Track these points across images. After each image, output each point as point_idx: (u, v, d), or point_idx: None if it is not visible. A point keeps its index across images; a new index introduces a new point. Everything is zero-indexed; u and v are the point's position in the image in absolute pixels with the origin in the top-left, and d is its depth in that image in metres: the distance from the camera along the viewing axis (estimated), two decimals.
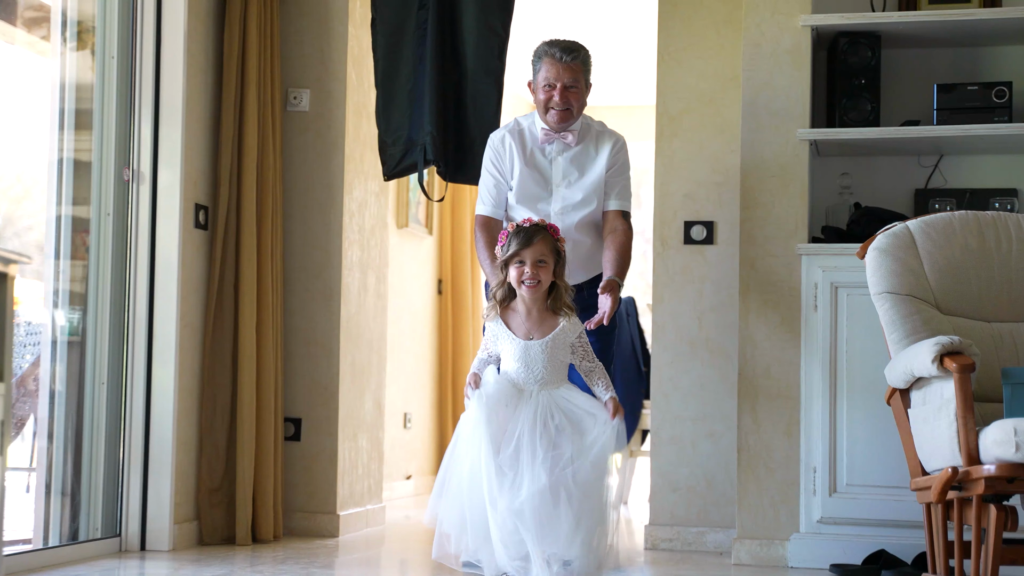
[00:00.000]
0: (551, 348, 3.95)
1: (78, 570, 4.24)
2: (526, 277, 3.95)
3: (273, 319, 5.21)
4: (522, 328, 3.99)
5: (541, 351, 3.93)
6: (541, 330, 3.98)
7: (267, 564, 4.48)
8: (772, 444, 4.73)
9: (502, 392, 3.93)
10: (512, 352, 3.96)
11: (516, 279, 3.97)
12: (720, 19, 5.31)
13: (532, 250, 3.96)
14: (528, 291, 3.96)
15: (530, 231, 3.99)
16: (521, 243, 3.97)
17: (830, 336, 4.64)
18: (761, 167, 4.84)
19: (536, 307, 4.00)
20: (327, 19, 5.51)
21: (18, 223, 5.10)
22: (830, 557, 4.59)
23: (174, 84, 4.88)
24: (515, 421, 3.85)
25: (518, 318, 4.02)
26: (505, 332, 3.99)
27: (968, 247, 3.85)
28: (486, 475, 3.76)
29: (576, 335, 3.99)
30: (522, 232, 3.99)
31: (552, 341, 3.95)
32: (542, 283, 3.97)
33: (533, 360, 3.93)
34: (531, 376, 3.92)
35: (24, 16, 4.86)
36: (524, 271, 3.95)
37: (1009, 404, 3.38)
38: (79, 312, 4.70)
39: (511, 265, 4.00)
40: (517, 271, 3.97)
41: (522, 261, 3.97)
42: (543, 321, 3.99)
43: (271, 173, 5.25)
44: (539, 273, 3.95)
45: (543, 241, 3.98)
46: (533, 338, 3.97)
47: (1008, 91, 4.76)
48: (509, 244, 3.99)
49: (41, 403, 4.61)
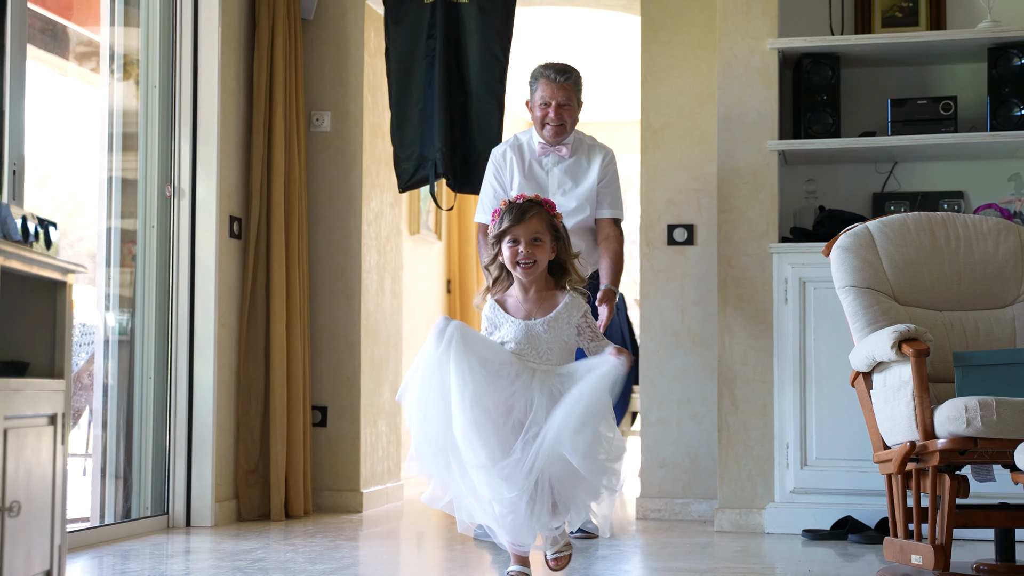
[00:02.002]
0: (554, 327, 3.33)
1: (131, 545, 4.26)
2: (521, 258, 3.32)
3: (301, 318, 5.22)
4: (521, 310, 3.37)
5: (544, 330, 3.31)
6: (542, 309, 3.36)
7: (299, 537, 4.49)
8: (749, 423, 4.75)
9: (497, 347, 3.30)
10: (512, 335, 3.33)
11: (510, 260, 3.34)
12: (697, 43, 5.32)
13: (526, 227, 3.32)
14: (523, 272, 3.33)
15: (523, 206, 3.35)
16: (514, 219, 3.33)
17: (799, 326, 4.66)
18: (735, 175, 4.85)
19: (535, 287, 3.37)
20: (345, 48, 5.53)
21: (71, 235, 5.12)
22: (802, 523, 4.61)
23: (210, 109, 4.89)
24: (511, 391, 3.23)
25: (515, 301, 3.40)
26: (502, 316, 3.37)
27: (921, 244, 3.87)
28: (471, 437, 3.15)
29: (581, 314, 3.36)
30: (515, 208, 3.36)
31: (555, 320, 3.33)
32: (538, 263, 3.34)
33: (536, 340, 3.31)
34: (534, 358, 3.31)
35: (75, 51, 4.87)
36: (518, 251, 3.32)
37: (960, 384, 3.40)
38: (128, 314, 4.71)
39: (504, 243, 3.36)
40: (511, 251, 3.34)
41: (515, 240, 3.33)
42: (543, 300, 3.38)
43: (297, 187, 5.26)
44: (535, 253, 3.33)
45: (538, 218, 3.35)
46: (534, 318, 3.35)
47: (954, 105, 4.78)
48: (501, 220, 3.37)
49: (95, 395, 4.61)
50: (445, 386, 3.15)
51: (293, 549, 4.18)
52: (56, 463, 2.85)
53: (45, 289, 2.89)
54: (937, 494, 3.31)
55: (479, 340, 3.24)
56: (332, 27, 5.53)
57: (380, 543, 4.55)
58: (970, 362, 3.41)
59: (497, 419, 3.19)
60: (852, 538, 4.45)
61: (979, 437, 3.17)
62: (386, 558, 4.27)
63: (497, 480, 3.15)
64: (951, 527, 3.27)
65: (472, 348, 3.16)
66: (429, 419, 3.21)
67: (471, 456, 3.16)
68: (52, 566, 2.85)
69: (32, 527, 2.73)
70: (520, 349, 3.31)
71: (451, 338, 3.15)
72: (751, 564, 3.94)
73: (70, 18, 4.86)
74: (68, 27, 4.84)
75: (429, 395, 3.19)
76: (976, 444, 3.19)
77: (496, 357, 3.24)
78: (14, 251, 2.61)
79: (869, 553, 4.18)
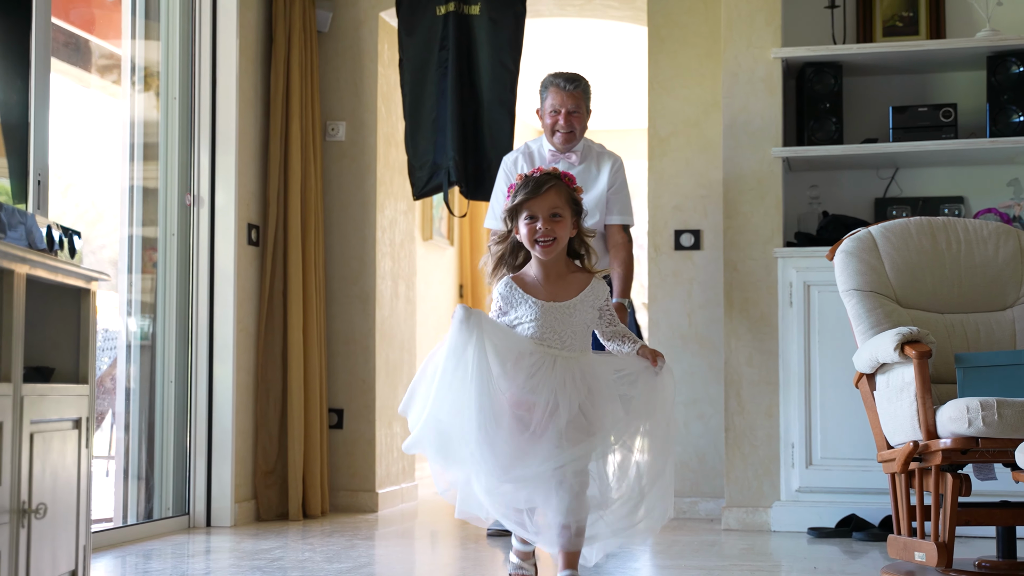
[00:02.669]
0: (578, 310, 3.04)
1: (153, 544, 4.27)
2: (540, 235, 3.01)
3: (317, 322, 5.23)
4: (541, 291, 3.05)
5: (568, 314, 3.02)
6: (567, 291, 3.05)
7: (316, 537, 4.50)
8: (755, 424, 4.75)
9: (514, 335, 3.00)
10: (532, 316, 3.02)
11: (528, 238, 3.03)
12: (702, 52, 5.32)
13: (543, 201, 3.01)
14: (543, 250, 3.03)
15: (540, 179, 3.05)
16: (530, 192, 3.03)
17: (804, 329, 4.65)
18: (741, 181, 4.85)
19: (555, 268, 3.07)
20: (360, 59, 5.54)
21: (94, 242, 5.13)
22: (808, 521, 4.61)
23: (228, 119, 4.91)
24: (532, 384, 2.95)
25: (533, 281, 3.08)
26: (521, 296, 3.04)
27: (923, 248, 3.86)
28: (483, 440, 2.88)
29: (604, 297, 3.08)
30: (531, 181, 3.05)
31: (580, 302, 3.04)
32: (559, 240, 3.03)
33: (558, 324, 3.01)
34: (555, 343, 3.00)
35: (98, 64, 4.89)
36: (536, 227, 3.02)
37: (961, 385, 3.39)
38: (149, 319, 4.73)
39: (520, 219, 3.05)
40: (528, 228, 3.03)
41: (533, 216, 3.02)
42: (567, 281, 3.07)
43: (313, 195, 5.27)
44: (555, 229, 3.02)
45: (556, 191, 3.04)
46: (558, 300, 3.04)
47: (954, 111, 4.77)
48: (516, 194, 3.06)
49: (118, 399, 4.63)
50: (465, 376, 2.88)
51: (311, 548, 4.18)
52: (81, 466, 2.86)
53: (70, 296, 2.91)
54: (940, 492, 3.30)
55: (499, 331, 2.99)
56: (347, 39, 5.54)
57: (395, 542, 4.56)
58: (971, 363, 3.41)
59: (512, 424, 2.93)
60: (856, 536, 4.45)
61: (981, 437, 3.16)
62: (401, 557, 4.27)
63: (505, 486, 2.93)
64: (953, 525, 3.26)
65: (492, 339, 2.91)
66: (440, 409, 2.92)
67: (480, 459, 2.91)
68: (77, 566, 2.86)
69: (58, 528, 2.74)
70: (541, 333, 3.00)
71: (475, 326, 2.89)
72: (758, 562, 3.93)
73: (92, 32, 4.88)
74: (91, 41, 4.87)
75: (451, 382, 2.90)
76: (978, 443, 3.18)
77: (516, 347, 2.97)
78: (39, 260, 2.63)
79: (873, 550, 4.17)
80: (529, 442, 2.91)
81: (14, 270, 2.55)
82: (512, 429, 2.92)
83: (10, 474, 2.51)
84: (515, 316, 3.05)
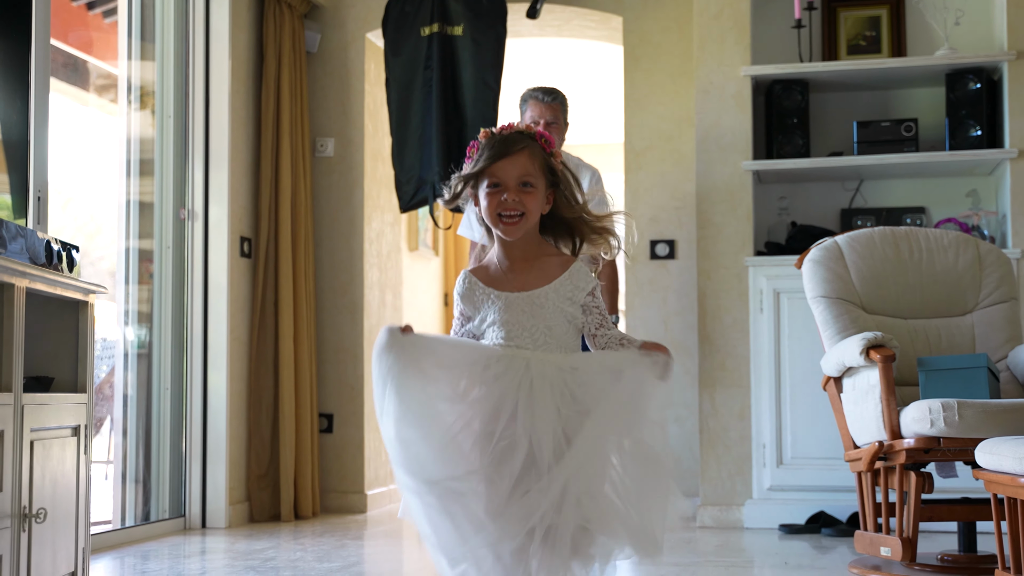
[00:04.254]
0: (552, 302, 2.20)
1: (150, 545, 4.25)
2: (504, 208, 2.20)
3: (307, 331, 5.22)
4: (505, 281, 2.24)
5: (537, 305, 2.19)
6: (537, 278, 2.22)
7: (308, 537, 4.49)
8: (728, 425, 4.76)
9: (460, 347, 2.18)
10: (493, 314, 2.21)
11: (490, 212, 2.21)
12: (675, 71, 5.34)
13: (511, 165, 2.20)
14: (507, 228, 2.20)
15: (509, 137, 2.23)
16: (495, 154, 2.21)
17: (774, 334, 4.67)
18: (713, 193, 4.87)
19: (523, 250, 2.25)
20: (347, 79, 5.54)
21: (93, 254, 5.11)
22: (779, 518, 4.61)
23: (221, 136, 4.90)
24: (497, 391, 2.10)
25: (497, 270, 2.26)
26: (483, 291, 2.23)
27: (886, 257, 3.88)
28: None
29: (589, 289, 2.23)
30: (497, 140, 2.23)
31: (554, 292, 2.20)
32: (528, 215, 2.21)
33: (527, 320, 2.19)
34: (528, 339, 2.18)
35: (95, 83, 4.88)
36: (500, 199, 2.20)
37: (924, 388, 3.41)
38: (146, 329, 4.71)
39: (481, 189, 2.22)
40: (491, 200, 2.20)
41: (496, 183, 2.20)
42: (538, 267, 2.24)
43: (303, 209, 5.26)
44: (524, 201, 2.20)
45: (529, 154, 2.22)
46: (526, 288, 2.21)
47: (915, 126, 4.80)
48: (479, 157, 2.23)
49: (116, 405, 4.61)
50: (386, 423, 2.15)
51: (302, 548, 4.17)
52: (79, 471, 2.84)
53: (68, 308, 2.90)
54: (904, 490, 3.31)
55: (443, 346, 2.22)
56: (335, 59, 5.54)
57: (384, 542, 4.55)
58: (933, 367, 3.42)
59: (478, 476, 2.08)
60: (825, 532, 4.46)
61: (942, 436, 3.18)
62: (390, 556, 4.26)
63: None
64: (917, 521, 3.27)
65: (429, 360, 2.14)
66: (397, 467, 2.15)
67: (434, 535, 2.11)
68: (77, 567, 2.84)
69: (58, 531, 2.73)
70: (508, 332, 2.19)
71: (392, 352, 2.16)
72: (731, 558, 3.94)
73: (90, 53, 4.87)
74: (89, 61, 4.85)
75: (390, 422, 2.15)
76: (940, 443, 3.19)
77: (472, 358, 2.15)
78: (39, 274, 2.62)
79: (841, 546, 4.18)
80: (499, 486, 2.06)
81: (14, 284, 2.54)
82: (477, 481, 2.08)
83: (11, 480, 2.49)
84: (481, 319, 2.24)
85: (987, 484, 2.71)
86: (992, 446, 2.66)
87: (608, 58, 7.24)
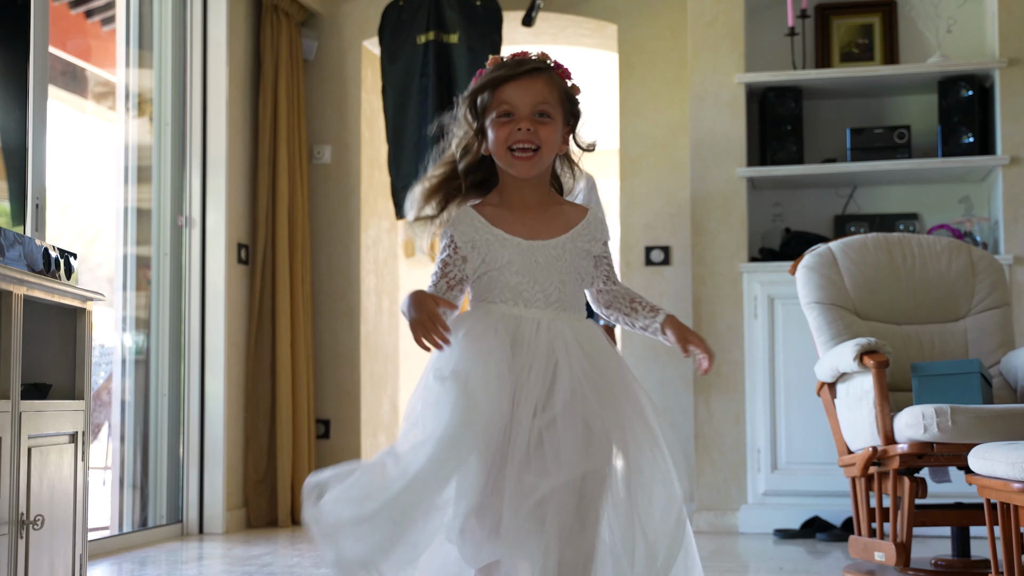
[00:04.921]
0: (571, 252, 1.96)
1: (148, 551, 4.24)
2: (516, 141, 1.93)
3: (305, 337, 5.21)
4: (519, 226, 1.95)
5: (556, 257, 1.94)
6: (552, 226, 1.97)
7: (305, 543, 4.47)
8: (723, 431, 4.75)
9: (494, 354, 1.84)
10: (503, 260, 1.92)
11: (499, 145, 1.93)
12: (670, 78, 5.34)
13: (527, 90, 1.94)
14: (521, 164, 1.93)
15: (523, 61, 1.98)
16: (508, 73, 1.94)
17: (768, 340, 4.67)
18: (707, 200, 4.87)
19: (536, 193, 1.99)
20: (344, 86, 5.54)
21: (91, 260, 5.11)
22: (774, 523, 4.61)
23: (218, 144, 4.89)
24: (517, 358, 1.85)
25: (504, 213, 1.97)
26: (493, 234, 1.93)
27: (880, 263, 3.88)
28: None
29: (603, 239, 2.01)
30: (511, 62, 1.98)
31: (572, 242, 1.96)
32: (543, 150, 1.94)
33: (543, 273, 1.92)
34: (539, 295, 1.91)
35: (94, 91, 4.88)
36: (513, 130, 1.93)
37: (917, 393, 3.41)
38: (143, 335, 4.70)
39: (489, 118, 1.95)
40: (500, 130, 1.93)
41: (508, 111, 1.93)
42: (552, 214, 1.99)
43: (300, 216, 5.26)
44: (540, 134, 1.93)
45: (548, 80, 1.97)
46: (541, 237, 1.95)
47: (908, 133, 4.81)
48: (487, 76, 1.98)
49: (114, 411, 4.60)
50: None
51: (299, 554, 4.16)
52: (77, 478, 2.84)
53: (66, 315, 2.89)
54: (898, 495, 3.31)
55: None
56: (332, 67, 5.54)
57: None
58: (926, 372, 3.42)
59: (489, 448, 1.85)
60: (820, 537, 4.45)
61: (936, 442, 3.18)
62: None
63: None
64: (911, 526, 3.27)
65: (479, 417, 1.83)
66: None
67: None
68: (74, 574, 2.83)
69: (55, 538, 2.72)
70: (517, 285, 1.92)
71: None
72: (727, 562, 3.93)
73: (88, 60, 4.86)
74: (87, 69, 4.85)
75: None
76: (933, 448, 3.19)
77: (485, 322, 1.90)
78: (37, 281, 2.61)
79: (836, 550, 4.18)
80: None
81: (12, 291, 2.53)
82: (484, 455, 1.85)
83: (9, 487, 2.49)
84: (476, 267, 1.94)
85: (980, 489, 2.70)
86: (985, 451, 2.66)
87: (603, 66, 7.24)
